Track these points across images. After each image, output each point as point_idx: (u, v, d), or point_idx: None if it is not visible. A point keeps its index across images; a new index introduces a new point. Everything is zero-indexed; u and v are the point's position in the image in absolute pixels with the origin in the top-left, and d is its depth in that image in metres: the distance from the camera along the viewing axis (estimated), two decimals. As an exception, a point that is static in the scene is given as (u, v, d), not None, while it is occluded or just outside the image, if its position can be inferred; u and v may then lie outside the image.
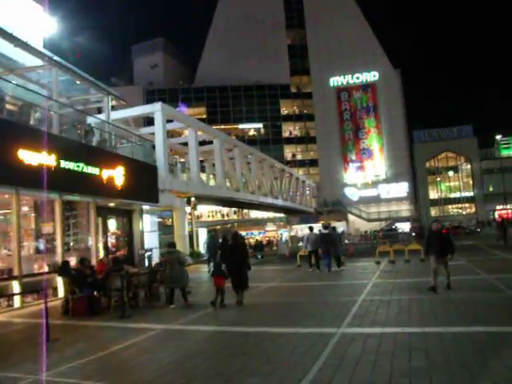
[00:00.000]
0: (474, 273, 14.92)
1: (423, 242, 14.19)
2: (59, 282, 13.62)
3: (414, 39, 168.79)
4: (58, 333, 8.76)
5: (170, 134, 44.34)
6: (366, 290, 12.51)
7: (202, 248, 31.75)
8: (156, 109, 25.12)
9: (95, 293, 11.83)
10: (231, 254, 11.73)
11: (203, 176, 35.57)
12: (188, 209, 31.43)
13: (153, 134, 25.49)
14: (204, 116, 76.08)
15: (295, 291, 14.21)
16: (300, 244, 38.91)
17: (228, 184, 35.48)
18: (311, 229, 21.13)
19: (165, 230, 30.78)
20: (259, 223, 70.38)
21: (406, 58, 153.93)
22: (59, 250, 15.03)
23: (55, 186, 13.66)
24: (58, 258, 14.77)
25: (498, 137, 69.08)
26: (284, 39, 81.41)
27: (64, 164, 14.04)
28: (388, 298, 10.69)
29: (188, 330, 8.93)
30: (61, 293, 13.72)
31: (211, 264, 19.96)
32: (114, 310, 11.19)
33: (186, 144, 31.09)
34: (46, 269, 14.92)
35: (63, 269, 12.31)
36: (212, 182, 35.42)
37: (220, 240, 22.39)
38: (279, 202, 47.30)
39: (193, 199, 29.02)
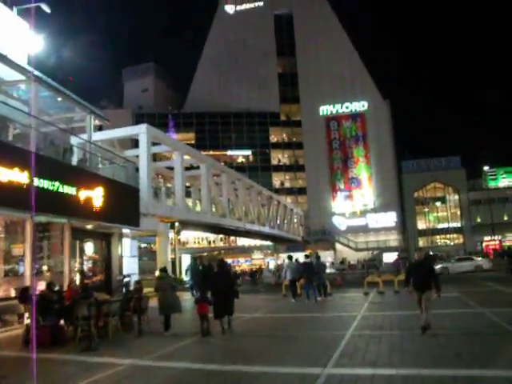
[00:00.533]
0: (468, 305, 14.26)
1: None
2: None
3: (403, 71, 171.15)
4: (10, 367, 7.83)
5: (158, 158, 44.38)
6: (354, 324, 11.71)
7: (184, 274, 30.89)
8: (141, 130, 24.49)
9: (61, 321, 10.89)
10: (218, 281, 11.60)
11: (189, 201, 34.85)
12: (172, 234, 30.53)
13: (138, 156, 24.78)
14: (193, 141, 75.40)
15: (279, 323, 13.38)
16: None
17: (214, 210, 34.82)
18: (290, 258, 21.25)
19: (150, 255, 29.95)
20: (246, 251, 69.56)
21: (395, 88, 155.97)
22: (28, 273, 14.09)
23: (26, 205, 12.76)
24: (27, 282, 13.82)
25: (486, 168, 69.28)
26: (274, 67, 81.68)
27: (37, 182, 13.20)
28: (378, 333, 9.91)
29: (158, 367, 8.00)
30: (27, 320, 12.76)
31: (194, 291, 20.01)
32: (80, 341, 10.19)
33: (172, 168, 30.35)
34: (12, 294, 13.94)
35: (23, 294, 11.40)
36: (198, 208, 34.66)
37: (200, 267, 22.21)
38: (266, 229, 46.54)
39: (177, 224, 28.11)
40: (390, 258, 59.99)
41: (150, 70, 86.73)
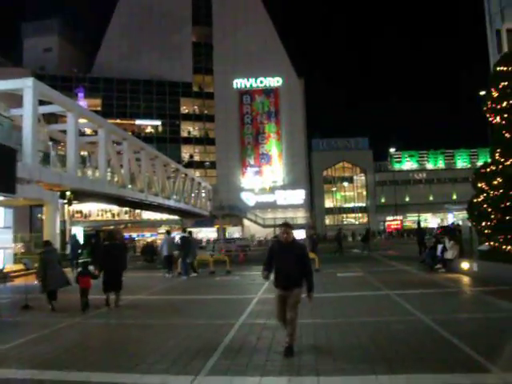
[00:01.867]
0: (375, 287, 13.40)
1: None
2: None
3: (318, 50, 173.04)
4: None
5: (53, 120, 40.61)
6: (248, 309, 10.35)
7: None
8: (26, 85, 21.56)
9: None
10: (108, 255, 11.37)
11: (89, 171, 32.09)
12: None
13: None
14: (99, 108, 71.30)
15: (161, 308, 11.49)
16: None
17: (114, 180, 32.38)
18: (168, 232, 21.31)
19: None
20: (152, 225, 67.33)
21: (310, 67, 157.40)
22: None
23: None
24: None
25: (392, 150, 71.25)
26: (189, 36, 78.35)
27: None
28: (274, 322, 8.50)
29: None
30: None
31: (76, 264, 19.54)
32: None
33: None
34: None
35: None
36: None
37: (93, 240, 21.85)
38: (171, 202, 44.47)
39: (68, 193, 25.39)
40: (297, 235, 60.11)
41: (54, 28, 79.91)
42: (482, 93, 36.19)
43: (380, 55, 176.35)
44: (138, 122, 74.52)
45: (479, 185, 14.47)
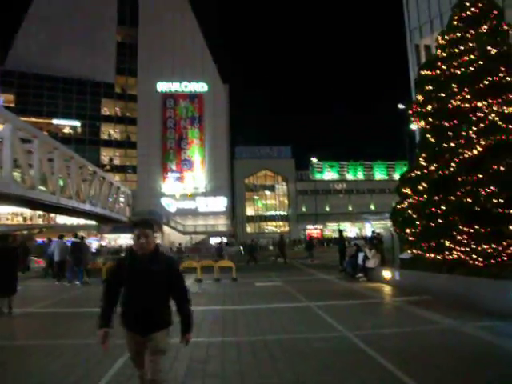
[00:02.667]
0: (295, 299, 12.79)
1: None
2: None
3: (243, 58, 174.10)
4: None
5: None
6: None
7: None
8: None
9: None
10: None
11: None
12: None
13: None
14: (12, 105, 67.33)
15: (43, 326, 9.76)
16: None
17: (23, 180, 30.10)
18: (61, 236, 20.04)
19: None
20: (68, 230, 64.07)
21: (235, 75, 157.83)
22: None
23: None
24: None
25: (314, 159, 72.32)
26: (113, 35, 75.81)
27: None
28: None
29: None
30: None
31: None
32: None
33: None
34: None
35: None
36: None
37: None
38: (86, 206, 42.31)
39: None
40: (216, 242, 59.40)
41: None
42: (401, 106, 37.44)
43: (306, 65, 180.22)
44: (55, 121, 70.94)
45: (403, 190, 14.23)
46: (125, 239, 65.56)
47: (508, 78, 12.03)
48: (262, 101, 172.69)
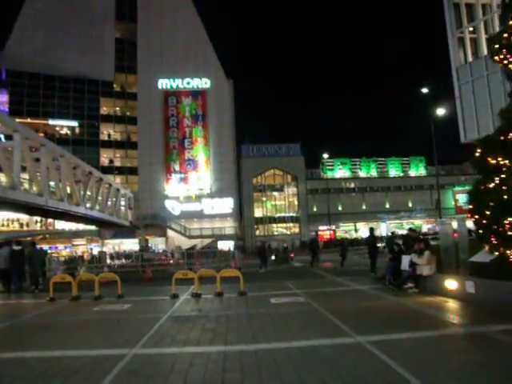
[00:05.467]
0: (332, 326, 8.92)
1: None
2: None
3: (249, 52, 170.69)
4: None
5: None
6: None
7: None
8: None
9: None
10: None
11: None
12: None
13: None
14: (6, 106, 64.32)
15: None
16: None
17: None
18: (7, 243, 18.59)
19: None
20: (66, 236, 61.39)
21: (240, 69, 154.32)
22: None
23: None
24: None
25: (325, 156, 68.38)
26: (112, 31, 72.34)
27: None
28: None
29: None
30: None
31: None
32: None
33: None
34: None
35: None
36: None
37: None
38: (81, 210, 38.84)
39: None
40: (224, 246, 55.77)
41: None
42: (425, 90, 33.61)
43: (314, 57, 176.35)
44: (51, 121, 67.63)
45: (492, 161, 9.94)
46: (128, 244, 62.45)
47: None
48: (268, 97, 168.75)
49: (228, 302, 12.59)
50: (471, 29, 19.20)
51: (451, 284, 11.21)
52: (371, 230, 19.82)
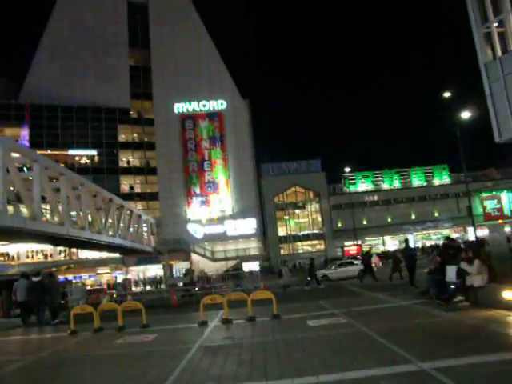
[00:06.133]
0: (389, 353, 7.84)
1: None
2: None
3: (263, 72, 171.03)
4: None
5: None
6: None
7: None
8: None
9: None
10: None
11: None
12: None
13: None
14: (27, 138, 64.77)
15: None
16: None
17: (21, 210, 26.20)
18: (24, 275, 18.30)
19: None
20: (90, 265, 61.18)
21: (256, 89, 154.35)
22: None
23: None
24: None
25: (347, 169, 67.22)
26: (126, 59, 72.79)
27: None
28: None
29: None
30: None
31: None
32: None
33: None
34: None
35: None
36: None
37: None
38: (103, 238, 38.14)
39: None
40: (250, 267, 54.67)
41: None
42: (447, 94, 32.51)
43: (328, 73, 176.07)
44: (71, 152, 67.85)
45: None
46: (153, 270, 61.89)
47: None
48: (285, 114, 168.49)
49: (262, 327, 11.56)
50: (496, 24, 18.19)
51: (509, 295, 10.02)
52: (406, 241, 18.67)
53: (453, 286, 11.83)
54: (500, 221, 68.65)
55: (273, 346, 8.93)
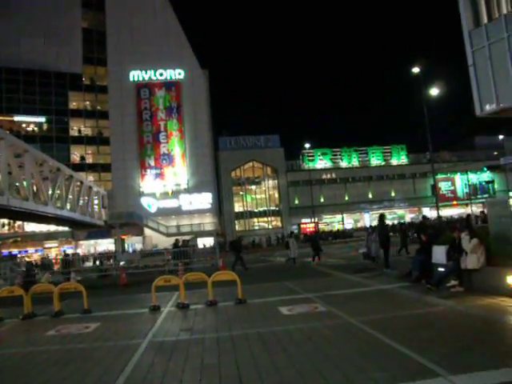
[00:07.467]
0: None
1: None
2: None
3: (222, 42, 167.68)
4: None
5: None
6: None
7: None
8: None
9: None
10: None
11: None
12: None
13: None
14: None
15: None
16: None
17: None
18: None
19: None
20: (38, 239, 58.52)
21: (215, 60, 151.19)
22: None
23: None
24: None
25: (307, 145, 66.28)
26: (78, 20, 68.60)
27: None
28: None
29: None
30: None
31: None
32: None
33: None
34: None
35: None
36: None
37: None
38: (49, 209, 35.79)
39: None
40: (206, 242, 53.24)
41: None
42: (416, 70, 31.54)
43: (292, 47, 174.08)
44: (16, 118, 63.97)
45: None
46: (104, 245, 59.74)
47: None
48: (245, 87, 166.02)
49: (226, 316, 10.07)
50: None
51: (513, 280, 8.78)
52: (382, 217, 17.15)
53: (441, 269, 10.65)
54: (454, 202, 69.89)
55: (244, 343, 7.42)
